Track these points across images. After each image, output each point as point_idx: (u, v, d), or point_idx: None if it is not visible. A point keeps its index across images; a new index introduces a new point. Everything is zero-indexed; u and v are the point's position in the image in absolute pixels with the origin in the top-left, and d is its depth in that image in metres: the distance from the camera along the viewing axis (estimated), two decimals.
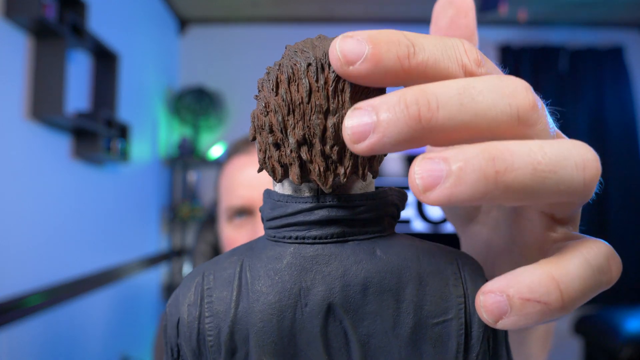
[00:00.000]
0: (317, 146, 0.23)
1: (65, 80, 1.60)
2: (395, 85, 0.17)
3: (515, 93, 0.16)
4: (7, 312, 1.42)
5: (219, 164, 0.87)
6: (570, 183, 0.16)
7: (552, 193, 0.16)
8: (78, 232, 1.89)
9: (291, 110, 0.23)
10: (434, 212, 2.81)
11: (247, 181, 0.75)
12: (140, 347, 2.48)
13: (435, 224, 2.36)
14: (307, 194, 0.26)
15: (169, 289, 2.86)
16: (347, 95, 0.22)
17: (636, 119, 3.04)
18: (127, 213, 2.36)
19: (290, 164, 0.24)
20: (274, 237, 0.27)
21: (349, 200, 0.25)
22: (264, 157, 0.26)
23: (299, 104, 0.23)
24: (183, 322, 0.27)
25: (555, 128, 0.20)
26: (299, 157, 0.24)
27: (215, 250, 1.09)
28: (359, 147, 0.17)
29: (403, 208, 0.28)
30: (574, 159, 0.16)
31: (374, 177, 0.26)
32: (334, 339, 0.26)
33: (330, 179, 0.24)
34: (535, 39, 3.12)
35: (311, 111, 0.23)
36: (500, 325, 0.17)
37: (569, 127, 3.02)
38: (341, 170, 0.24)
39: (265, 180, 0.75)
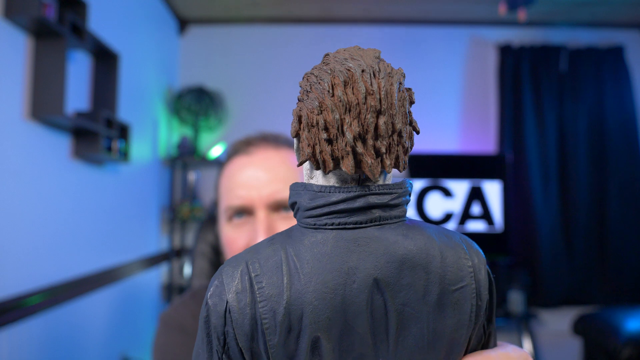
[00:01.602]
0: (370, 141, 0.27)
1: (65, 80, 1.60)
2: None
3: None
4: (7, 312, 1.42)
5: (219, 164, 0.87)
6: None
7: None
8: (78, 232, 1.89)
9: (347, 109, 0.26)
10: (433, 212, 2.81)
11: (247, 182, 0.76)
12: (140, 347, 2.48)
13: (436, 223, 2.36)
14: (333, 183, 0.30)
15: (169, 289, 2.86)
16: (394, 99, 0.27)
17: (636, 119, 3.04)
18: (127, 213, 2.36)
19: (343, 157, 0.28)
20: (315, 224, 0.30)
21: (387, 189, 0.29)
22: (313, 151, 0.29)
23: (356, 105, 0.27)
24: (234, 309, 0.30)
25: None
26: (353, 151, 0.27)
27: (215, 250, 1.09)
28: None
29: (410, 197, 0.32)
30: None
31: (404, 169, 0.30)
32: (376, 311, 0.29)
33: (379, 170, 0.28)
34: (535, 39, 3.12)
35: (367, 111, 0.26)
36: None
37: (569, 127, 3.02)
38: (387, 162, 0.28)
39: (263, 181, 0.75)
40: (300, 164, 0.28)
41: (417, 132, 0.29)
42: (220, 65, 3.13)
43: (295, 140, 0.30)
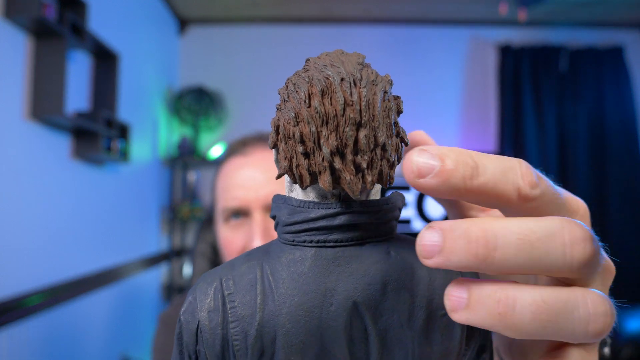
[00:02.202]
0: (349, 156, 0.24)
1: (65, 80, 1.60)
2: (457, 198, 0.19)
3: (574, 243, 0.18)
4: (7, 312, 1.42)
5: (217, 164, 0.87)
6: (569, 332, 0.18)
7: (549, 336, 0.18)
8: (78, 232, 1.89)
9: (325, 121, 0.24)
10: (434, 212, 2.81)
11: (243, 182, 0.75)
12: (140, 347, 2.48)
13: None
14: (312, 199, 0.28)
15: (169, 289, 2.86)
16: (376, 109, 0.24)
17: (636, 119, 3.04)
18: (127, 213, 2.36)
19: (320, 172, 0.25)
20: (293, 241, 0.28)
21: (370, 206, 0.27)
22: (290, 165, 0.26)
23: (334, 117, 0.24)
24: (205, 329, 0.28)
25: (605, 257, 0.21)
26: (331, 166, 0.25)
27: (215, 250, 1.09)
28: (427, 262, 0.19)
29: (401, 210, 0.29)
30: (578, 314, 0.18)
31: (390, 184, 0.27)
32: (356, 335, 0.27)
33: (359, 186, 0.25)
34: (535, 39, 3.12)
35: (345, 123, 0.24)
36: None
37: (569, 127, 3.02)
38: (368, 179, 0.25)
39: (260, 182, 0.75)
40: (278, 177, 0.25)
41: (406, 144, 0.27)
42: (220, 65, 3.13)
43: (274, 151, 0.28)
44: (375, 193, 0.29)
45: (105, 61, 2.01)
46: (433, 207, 2.84)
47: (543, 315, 0.18)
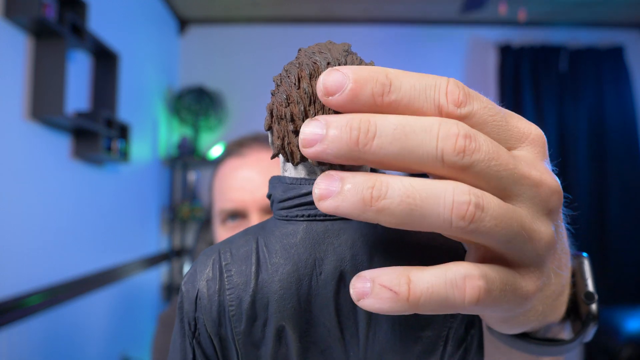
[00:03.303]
0: None
1: (65, 80, 1.60)
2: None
3: (448, 137, 0.18)
4: (7, 312, 1.42)
5: (214, 165, 0.86)
6: (435, 219, 0.18)
7: (418, 223, 0.18)
8: (78, 232, 1.89)
9: (312, 101, 0.26)
10: None
11: (239, 184, 0.75)
12: (140, 347, 2.48)
13: None
14: (304, 176, 0.30)
15: (169, 289, 2.86)
16: None
17: (636, 119, 3.04)
18: (127, 213, 2.36)
19: None
20: (286, 216, 0.30)
21: None
22: (283, 144, 0.28)
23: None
24: (203, 296, 0.30)
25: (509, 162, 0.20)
26: None
27: None
28: (306, 152, 0.19)
29: None
30: (442, 200, 0.18)
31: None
32: (344, 304, 0.29)
33: None
34: (535, 39, 3.12)
35: None
36: (361, 303, 0.20)
37: (569, 127, 3.02)
38: None
39: (257, 183, 0.75)
40: (273, 157, 0.28)
41: None
42: (220, 65, 3.13)
43: (269, 134, 0.30)
44: (368, 170, 0.30)
45: (105, 61, 2.01)
46: None
47: (410, 199, 0.18)
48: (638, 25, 3.15)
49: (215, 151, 2.99)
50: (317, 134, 0.19)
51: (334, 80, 0.19)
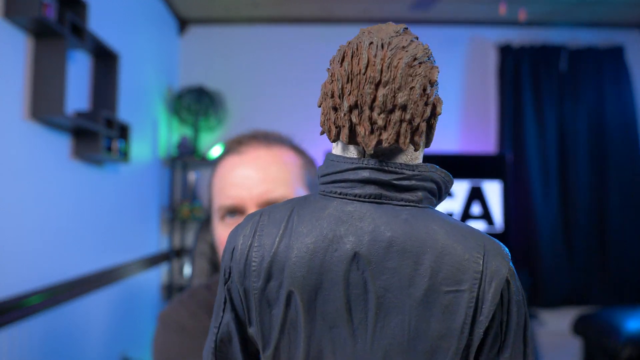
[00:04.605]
0: (366, 112, 0.27)
1: (65, 80, 1.60)
2: None
3: None
4: (7, 312, 1.42)
5: (213, 162, 0.88)
6: None
7: None
8: (78, 232, 1.89)
9: (349, 79, 0.27)
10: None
11: (238, 182, 0.77)
12: (140, 347, 2.48)
13: None
14: (354, 156, 0.31)
15: (169, 289, 2.86)
16: (398, 71, 0.26)
17: (636, 119, 3.04)
18: (127, 213, 2.36)
19: (343, 126, 0.29)
20: (323, 191, 0.32)
21: (387, 165, 0.29)
22: (324, 120, 0.30)
23: (357, 74, 0.27)
24: (237, 249, 0.33)
25: None
26: (350, 120, 0.28)
27: (214, 250, 1.09)
28: None
29: (447, 189, 0.31)
30: None
31: (415, 150, 0.30)
32: (354, 286, 0.30)
33: (373, 142, 0.28)
34: (535, 39, 3.12)
35: (365, 81, 0.27)
36: None
37: (569, 127, 3.02)
38: (384, 136, 0.27)
39: (254, 180, 0.76)
40: (321, 133, 0.29)
41: (438, 113, 0.29)
42: (220, 65, 3.13)
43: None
44: (412, 159, 0.31)
45: (105, 61, 2.01)
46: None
47: None
48: (638, 25, 3.15)
49: (215, 151, 2.99)
50: None
51: None
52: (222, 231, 0.80)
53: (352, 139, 0.28)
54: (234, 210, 0.77)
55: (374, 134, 0.27)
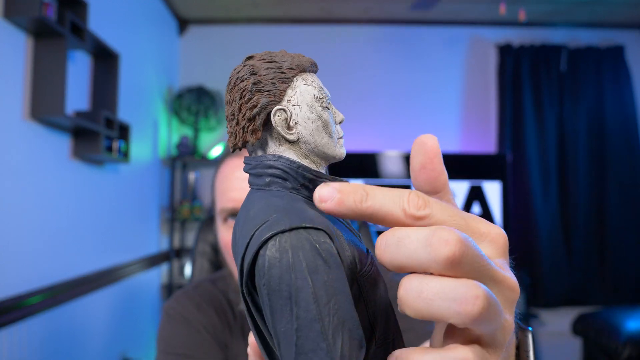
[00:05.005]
0: (229, 124, 0.35)
1: (65, 80, 1.60)
2: (355, 218, 0.24)
3: (439, 245, 0.21)
4: (8, 312, 1.42)
5: (216, 164, 0.88)
6: (446, 312, 0.21)
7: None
8: (78, 232, 1.89)
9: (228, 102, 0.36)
10: None
11: (239, 184, 0.77)
12: (141, 347, 2.48)
13: None
14: None
15: (169, 289, 2.86)
16: (236, 94, 0.36)
17: (636, 118, 3.04)
18: (127, 213, 2.36)
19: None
20: None
21: (245, 160, 0.35)
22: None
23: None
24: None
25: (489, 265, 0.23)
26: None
27: (216, 249, 1.09)
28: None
29: (297, 173, 0.33)
30: (452, 295, 0.21)
31: (242, 148, 0.36)
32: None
33: (230, 144, 0.35)
34: (535, 39, 3.12)
35: (228, 102, 0.35)
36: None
37: (569, 127, 3.02)
38: (231, 139, 0.35)
39: None
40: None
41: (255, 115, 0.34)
42: (220, 65, 3.13)
43: None
44: (262, 155, 0.36)
45: (105, 61, 2.01)
46: None
47: (425, 294, 0.22)
48: (638, 25, 3.15)
49: (216, 151, 2.99)
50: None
51: (325, 192, 0.24)
52: (224, 234, 0.81)
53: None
54: (235, 213, 0.78)
55: (231, 138, 0.35)
